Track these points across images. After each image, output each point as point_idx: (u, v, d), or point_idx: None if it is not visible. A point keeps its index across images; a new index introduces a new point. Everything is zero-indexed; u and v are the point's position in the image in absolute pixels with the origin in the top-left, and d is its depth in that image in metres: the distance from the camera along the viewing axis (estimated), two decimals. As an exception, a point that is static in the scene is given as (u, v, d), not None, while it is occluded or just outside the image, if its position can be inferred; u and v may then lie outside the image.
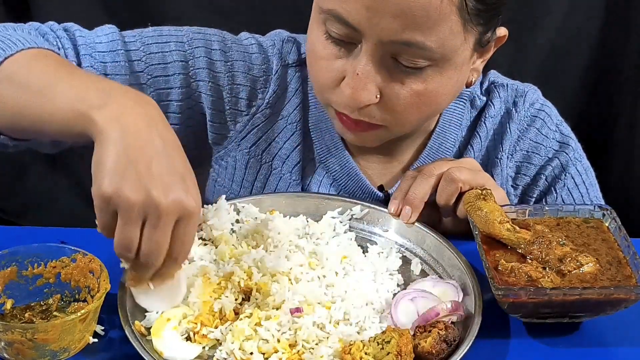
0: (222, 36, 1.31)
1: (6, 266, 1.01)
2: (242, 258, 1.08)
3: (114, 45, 1.25)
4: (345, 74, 1.12)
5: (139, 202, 0.89)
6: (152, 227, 0.91)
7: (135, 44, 1.26)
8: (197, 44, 1.28)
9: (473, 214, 1.08)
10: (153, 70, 1.26)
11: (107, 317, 1.01)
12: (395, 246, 1.16)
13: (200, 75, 1.28)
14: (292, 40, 1.32)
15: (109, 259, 1.04)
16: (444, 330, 0.97)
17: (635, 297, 0.99)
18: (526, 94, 1.35)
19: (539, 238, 1.06)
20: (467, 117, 1.34)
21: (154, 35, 1.28)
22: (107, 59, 1.24)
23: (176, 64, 1.27)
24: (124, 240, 0.91)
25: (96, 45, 1.24)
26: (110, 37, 1.26)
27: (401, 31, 1.05)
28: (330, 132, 1.30)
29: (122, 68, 1.24)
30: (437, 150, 1.32)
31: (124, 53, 1.25)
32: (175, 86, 1.27)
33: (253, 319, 0.99)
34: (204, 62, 1.28)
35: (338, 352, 0.97)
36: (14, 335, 0.93)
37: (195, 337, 1.00)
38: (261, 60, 1.30)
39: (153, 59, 1.26)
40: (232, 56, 1.29)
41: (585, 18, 2.00)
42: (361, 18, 1.06)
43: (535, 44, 2.01)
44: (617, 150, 2.11)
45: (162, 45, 1.27)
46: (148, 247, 0.92)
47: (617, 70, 2.05)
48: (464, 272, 1.07)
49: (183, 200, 0.91)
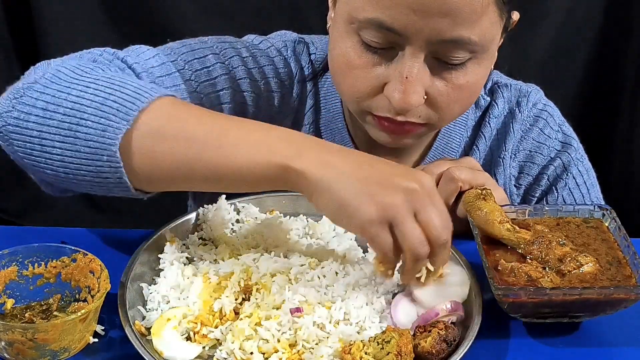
0: (243, 42, 1.28)
1: (6, 266, 1.01)
2: (242, 258, 1.08)
3: (166, 68, 1.18)
4: (387, 80, 1.11)
5: (401, 198, 0.93)
6: (423, 210, 0.94)
7: (178, 63, 1.21)
8: (229, 54, 1.25)
9: (473, 214, 1.08)
10: (203, 88, 1.22)
11: (107, 317, 1.01)
12: (395, 246, 1.16)
13: (243, 86, 1.25)
14: (302, 41, 1.31)
15: (109, 259, 1.04)
16: (444, 330, 0.97)
17: (635, 297, 0.99)
18: (529, 94, 1.36)
19: (539, 238, 1.06)
20: (472, 117, 1.35)
21: (188, 52, 1.22)
22: (168, 84, 1.18)
23: (222, 78, 1.24)
24: (417, 236, 0.94)
25: (153, 70, 1.17)
26: (159, 60, 1.18)
27: (449, 29, 1.05)
28: (341, 132, 1.30)
29: (182, 91, 1.19)
30: (443, 150, 1.33)
31: (178, 75, 1.19)
32: (226, 101, 1.24)
33: (253, 319, 0.99)
34: (243, 72, 1.25)
35: (338, 352, 0.97)
36: (14, 335, 0.93)
37: (195, 337, 1.00)
38: (283, 63, 1.29)
39: (201, 77, 1.22)
40: (260, 62, 1.27)
41: (585, 18, 2.00)
42: (408, 22, 1.04)
43: (535, 44, 2.01)
44: (617, 150, 2.11)
45: (202, 60, 1.23)
46: (435, 225, 0.94)
47: (617, 70, 2.06)
48: (464, 272, 1.07)
49: (424, 179, 0.95)
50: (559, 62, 2.05)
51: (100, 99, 0.98)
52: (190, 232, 1.14)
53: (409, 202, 0.93)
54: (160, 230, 1.11)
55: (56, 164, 0.99)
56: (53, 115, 0.99)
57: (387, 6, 1.05)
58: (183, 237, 1.12)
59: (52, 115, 0.99)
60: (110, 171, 0.98)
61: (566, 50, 2.03)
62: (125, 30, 1.92)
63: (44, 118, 0.99)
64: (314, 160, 0.94)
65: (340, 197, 0.93)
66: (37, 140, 0.99)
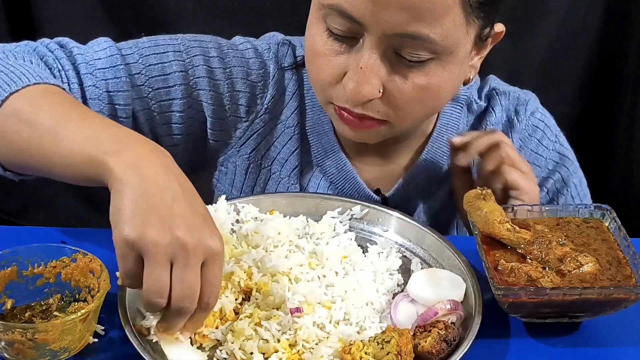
0: (218, 42, 1.30)
1: (6, 266, 1.01)
2: (242, 258, 1.08)
3: (113, 60, 1.23)
4: (347, 69, 1.11)
5: (165, 242, 0.88)
6: (181, 268, 0.88)
7: (133, 56, 1.25)
8: (194, 52, 1.27)
9: (473, 214, 1.08)
10: (154, 83, 1.25)
11: (107, 317, 1.01)
12: (395, 246, 1.16)
13: (200, 84, 1.27)
14: (287, 43, 1.32)
15: (109, 259, 1.04)
16: (444, 330, 0.97)
17: (635, 297, 0.99)
18: (527, 102, 1.35)
19: (539, 238, 1.06)
20: (464, 121, 1.34)
21: (150, 46, 1.26)
22: (109, 76, 1.22)
23: (176, 75, 1.26)
24: (155, 283, 0.89)
25: (95, 62, 1.22)
26: (109, 52, 1.24)
27: (406, 24, 1.05)
28: (327, 134, 1.30)
29: (124, 84, 1.23)
30: (435, 154, 1.32)
31: (123, 68, 1.23)
32: (177, 97, 1.26)
33: (253, 319, 0.99)
34: (203, 71, 1.27)
35: (338, 352, 0.97)
36: (14, 335, 0.93)
37: (195, 337, 1.00)
38: (258, 65, 1.29)
39: (153, 71, 1.25)
40: (230, 62, 1.28)
41: (585, 18, 2.00)
42: (366, 11, 1.05)
43: (535, 44, 2.01)
44: (617, 150, 2.11)
45: (160, 55, 1.26)
46: (180, 289, 0.89)
47: (617, 70, 2.05)
48: (464, 272, 1.07)
49: (208, 240, 0.90)
50: (559, 62, 2.04)
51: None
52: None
53: (171, 250, 0.88)
54: (160, 230, 1.11)
55: None
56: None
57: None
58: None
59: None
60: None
61: (566, 50, 2.03)
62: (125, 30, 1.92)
63: None
64: (127, 159, 0.92)
65: (123, 204, 0.90)
66: None
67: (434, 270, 1.10)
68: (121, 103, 1.23)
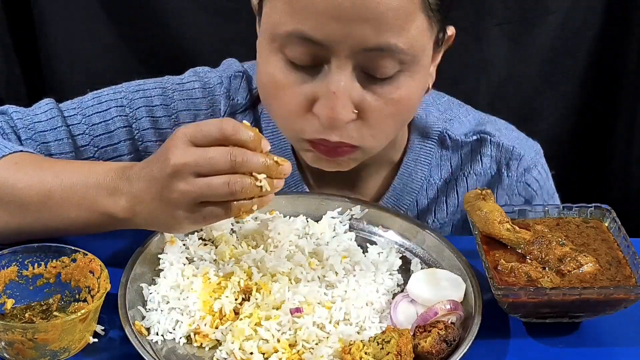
0: (163, 87, 1.28)
1: (6, 266, 1.01)
2: (242, 258, 1.08)
3: (53, 122, 1.24)
4: (315, 97, 1.07)
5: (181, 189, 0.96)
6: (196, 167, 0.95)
7: (76, 117, 1.25)
8: (137, 105, 1.27)
9: (473, 214, 1.08)
10: (98, 142, 1.26)
11: (107, 317, 1.01)
12: (395, 246, 1.16)
13: (146, 137, 1.27)
14: (240, 75, 1.29)
15: (109, 259, 1.04)
16: (444, 330, 0.97)
17: (635, 297, 0.99)
18: (522, 157, 1.30)
19: (539, 238, 1.06)
20: (436, 155, 1.30)
21: (93, 105, 1.26)
22: (50, 139, 1.23)
23: (120, 131, 1.26)
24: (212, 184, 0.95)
25: (35, 125, 1.23)
26: (49, 115, 1.24)
27: (373, 36, 1.02)
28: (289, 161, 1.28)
29: (66, 145, 1.24)
30: (404, 188, 1.29)
31: (65, 129, 1.24)
32: (124, 152, 1.27)
33: (253, 319, 0.99)
34: (147, 122, 1.27)
35: (338, 352, 0.97)
36: (14, 335, 0.93)
37: (195, 337, 1.00)
38: (206, 104, 1.28)
39: (96, 130, 1.25)
40: (175, 107, 1.27)
41: (585, 18, 2.00)
42: (330, 31, 1.01)
43: (535, 44, 2.01)
44: (617, 150, 2.11)
45: (103, 114, 1.26)
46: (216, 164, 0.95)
47: (617, 70, 2.05)
48: (464, 272, 1.07)
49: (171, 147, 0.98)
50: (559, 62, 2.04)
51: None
52: (190, 232, 1.13)
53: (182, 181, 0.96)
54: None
55: None
56: None
57: (306, 16, 1.02)
58: (183, 237, 1.12)
59: None
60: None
61: (566, 50, 2.03)
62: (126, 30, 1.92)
63: None
64: (125, 202, 1.01)
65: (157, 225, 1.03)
66: None
67: (434, 270, 1.10)
68: None
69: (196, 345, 1.00)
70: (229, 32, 1.90)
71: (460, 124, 1.31)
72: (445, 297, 1.02)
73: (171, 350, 0.99)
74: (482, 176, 1.31)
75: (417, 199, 1.31)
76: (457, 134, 1.30)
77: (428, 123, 1.29)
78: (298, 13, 1.02)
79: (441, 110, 1.32)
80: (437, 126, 1.30)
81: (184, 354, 0.99)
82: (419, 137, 1.29)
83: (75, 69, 1.92)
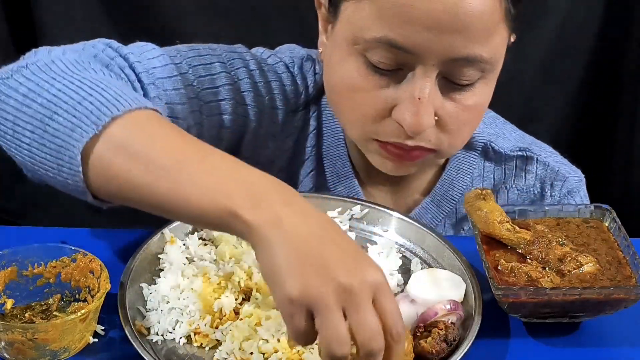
0: (253, 55, 1.25)
1: (6, 266, 1.01)
2: (242, 258, 1.08)
3: (169, 70, 1.16)
4: (395, 103, 1.07)
5: (331, 290, 0.81)
6: (356, 311, 0.81)
7: (183, 66, 1.18)
8: (237, 65, 1.22)
9: (473, 214, 1.08)
10: (205, 96, 1.20)
11: (107, 317, 1.01)
12: (395, 246, 1.16)
13: (247, 99, 1.23)
14: (310, 58, 1.28)
15: (109, 259, 1.04)
16: (444, 330, 0.97)
17: (635, 297, 0.99)
18: (566, 179, 1.31)
19: (539, 238, 1.06)
20: (478, 165, 1.31)
21: (195, 56, 1.20)
22: (168, 87, 1.15)
23: (225, 88, 1.21)
24: (335, 333, 0.80)
25: (154, 71, 1.14)
26: (163, 61, 1.16)
27: (462, 47, 1.02)
28: (342, 159, 1.28)
29: (182, 96, 1.17)
30: (443, 196, 1.30)
31: (180, 79, 1.17)
32: (227, 111, 1.21)
33: (253, 319, 0.99)
34: (248, 85, 1.22)
35: (338, 352, 0.97)
36: (14, 335, 0.93)
37: (195, 337, 1.00)
38: (290, 80, 1.26)
39: (204, 83, 1.19)
40: (268, 76, 1.24)
41: (585, 18, 2.00)
42: (421, 41, 1.01)
43: (535, 44, 2.01)
44: (617, 150, 2.11)
45: (208, 67, 1.20)
46: (363, 332, 0.81)
47: (617, 69, 2.05)
48: (464, 272, 1.07)
49: (369, 275, 0.83)
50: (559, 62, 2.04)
51: (79, 98, 0.93)
52: (190, 232, 1.13)
53: (338, 297, 0.81)
54: (160, 230, 1.11)
55: (25, 152, 0.96)
56: (31, 103, 0.95)
57: (397, 24, 1.01)
58: (183, 237, 1.12)
59: (30, 104, 0.95)
60: (70, 173, 0.93)
61: (566, 50, 2.03)
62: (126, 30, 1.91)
63: (22, 104, 0.96)
64: (266, 215, 0.84)
65: (275, 263, 0.83)
66: (11, 125, 0.96)
67: (434, 270, 1.10)
68: (179, 116, 1.17)
69: (196, 345, 1.00)
70: (229, 32, 1.90)
71: (505, 140, 1.32)
72: (445, 297, 1.02)
73: (171, 350, 0.99)
74: (524, 192, 1.31)
75: (456, 207, 1.32)
76: (500, 147, 1.31)
77: (473, 134, 1.28)
78: (389, 20, 1.02)
79: (487, 123, 1.33)
80: (481, 138, 1.30)
81: (184, 354, 0.99)
82: (463, 147, 1.28)
83: (75, 69, 1.92)
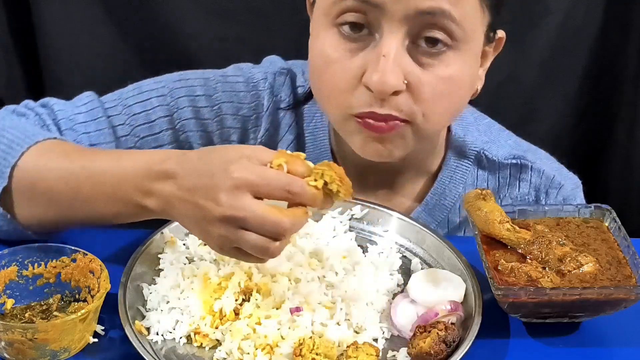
0: (206, 78, 1.28)
1: (6, 266, 1.01)
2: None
3: (94, 113, 1.24)
4: (365, 67, 1.07)
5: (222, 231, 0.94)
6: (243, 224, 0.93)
7: (116, 108, 1.26)
8: (178, 94, 1.26)
9: (473, 214, 1.08)
10: (139, 132, 1.26)
11: (107, 317, 1.01)
12: (395, 246, 1.16)
13: (187, 127, 1.27)
14: (284, 72, 1.29)
15: (109, 259, 1.04)
16: (443, 330, 0.97)
17: (635, 297, 0.99)
18: (561, 186, 1.30)
19: (539, 238, 1.06)
20: (471, 174, 1.30)
21: (134, 95, 1.27)
22: (90, 129, 1.23)
23: (161, 120, 1.26)
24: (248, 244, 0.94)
25: (76, 117, 1.23)
26: (90, 106, 1.25)
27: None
28: None
29: (107, 135, 1.24)
30: (436, 204, 1.29)
31: (105, 120, 1.24)
32: (165, 142, 1.27)
33: (253, 319, 0.99)
34: (189, 112, 1.26)
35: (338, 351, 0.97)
36: (14, 335, 0.93)
37: (195, 337, 1.00)
38: (250, 98, 1.28)
39: (137, 120, 1.25)
40: (218, 98, 1.27)
41: (585, 18, 2.00)
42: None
43: (535, 44, 2.01)
44: (617, 150, 2.11)
45: (144, 103, 1.26)
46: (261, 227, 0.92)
47: (617, 70, 2.05)
48: (464, 272, 1.07)
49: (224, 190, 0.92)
50: (559, 62, 2.04)
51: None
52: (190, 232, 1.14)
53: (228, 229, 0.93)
54: (160, 230, 1.11)
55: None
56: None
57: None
58: (183, 237, 1.12)
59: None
60: None
61: (566, 50, 2.03)
62: (126, 30, 1.92)
63: None
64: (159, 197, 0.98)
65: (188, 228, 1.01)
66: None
67: (434, 270, 1.10)
68: None
69: (196, 345, 1.00)
70: (229, 32, 1.90)
71: (499, 147, 1.31)
72: (445, 297, 1.03)
73: (171, 350, 0.99)
74: (518, 201, 1.30)
75: (448, 216, 1.31)
76: (494, 155, 1.29)
77: (466, 142, 1.28)
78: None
79: (481, 131, 1.31)
80: (474, 146, 1.29)
81: (184, 354, 0.99)
82: (456, 156, 1.28)
83: (75, 69, 1.92)
